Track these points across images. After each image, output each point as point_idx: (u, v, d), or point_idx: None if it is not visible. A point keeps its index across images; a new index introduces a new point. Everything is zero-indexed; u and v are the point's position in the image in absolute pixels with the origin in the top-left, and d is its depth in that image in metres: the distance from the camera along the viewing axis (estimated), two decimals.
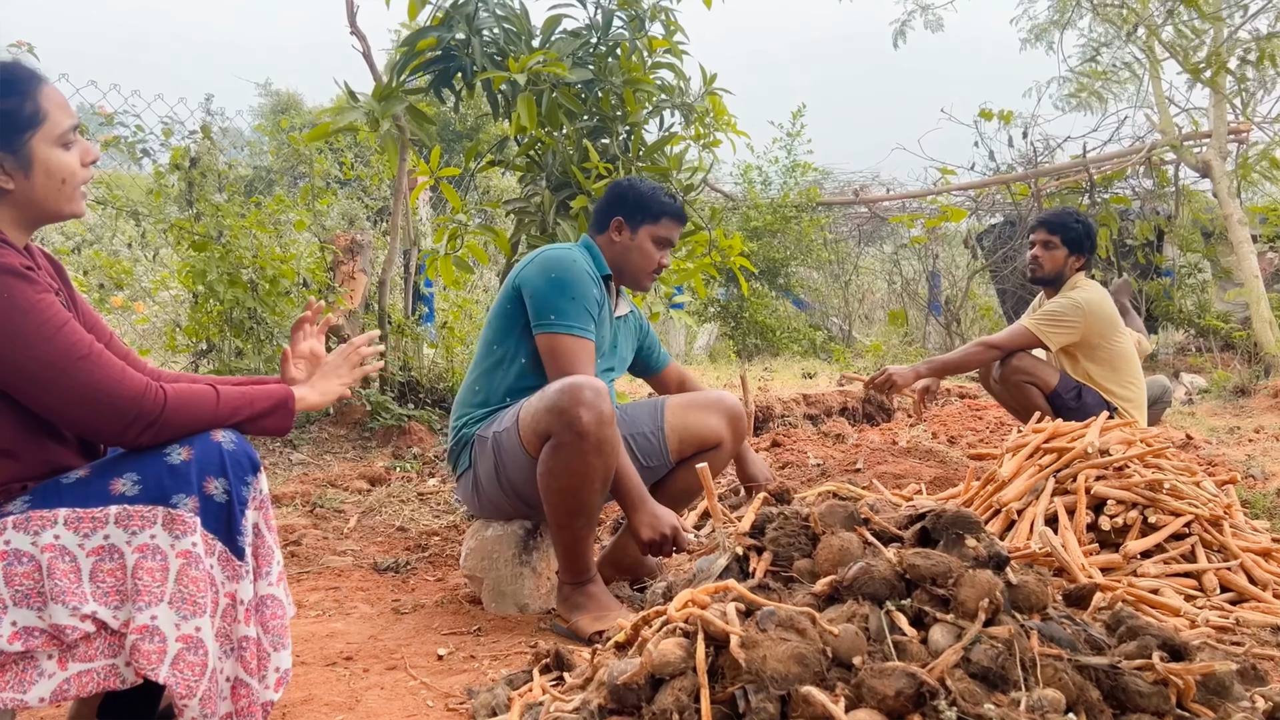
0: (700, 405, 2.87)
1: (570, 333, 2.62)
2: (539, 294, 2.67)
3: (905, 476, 3.99)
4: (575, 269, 2.70)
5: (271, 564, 1.67)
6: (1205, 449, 5.23)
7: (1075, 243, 4.10)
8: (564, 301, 2.64)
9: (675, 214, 2.88)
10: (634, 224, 2.83)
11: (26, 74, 1.62)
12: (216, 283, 4.71)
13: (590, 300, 2.68)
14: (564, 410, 2.38)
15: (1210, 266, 10.36)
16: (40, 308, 1.52)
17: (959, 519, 1.60)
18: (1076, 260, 4.13)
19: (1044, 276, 4.15)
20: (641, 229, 2.84)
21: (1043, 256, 4.12)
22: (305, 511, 3.93)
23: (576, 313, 2.64)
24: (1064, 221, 4.12)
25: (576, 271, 2.69)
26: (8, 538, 1.52)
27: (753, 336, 10.05)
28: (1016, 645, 1.39)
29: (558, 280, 2.66)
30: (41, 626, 1.51)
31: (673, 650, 1.44)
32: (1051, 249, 4.11)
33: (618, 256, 2.86)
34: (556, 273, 2.68)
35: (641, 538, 2.53)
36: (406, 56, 3.98)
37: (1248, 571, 2.66)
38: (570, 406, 2.38)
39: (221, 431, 1.66)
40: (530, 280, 2.71)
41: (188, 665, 1.54)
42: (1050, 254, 4.11)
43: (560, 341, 2.61)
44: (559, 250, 2.77)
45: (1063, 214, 4.20)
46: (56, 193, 1.64)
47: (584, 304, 2.66)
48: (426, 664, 2.32)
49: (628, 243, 2.84)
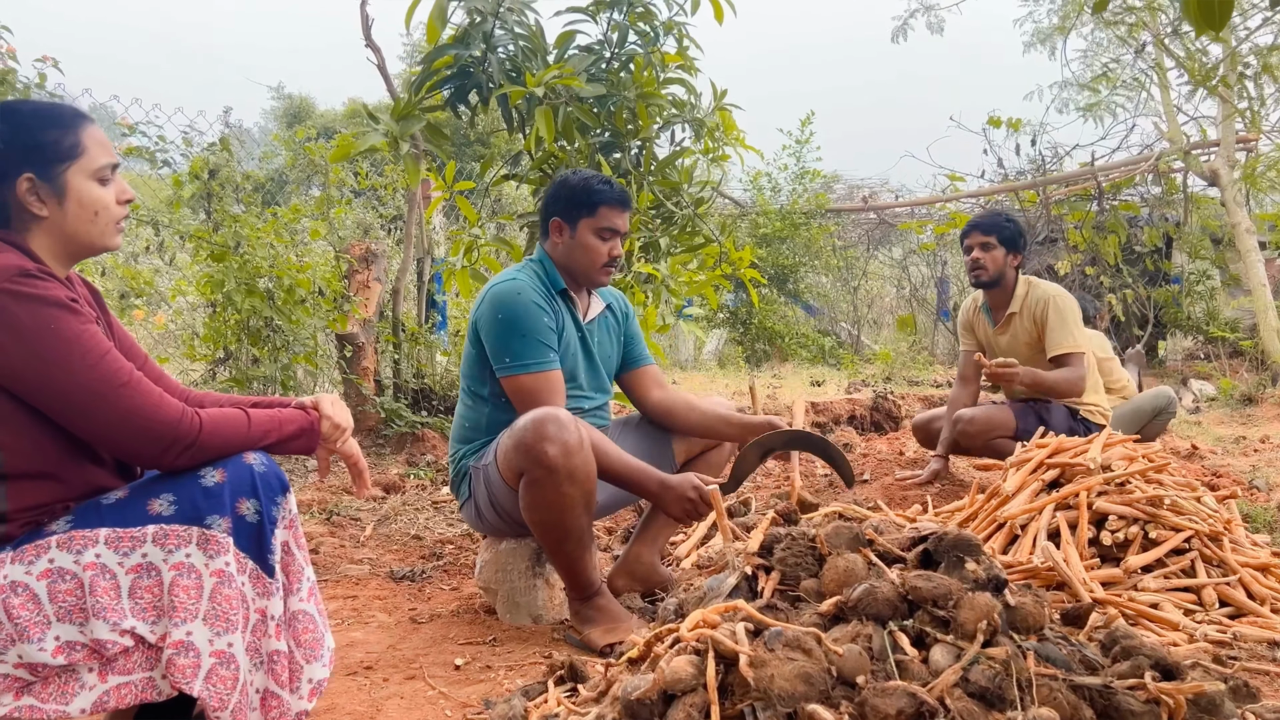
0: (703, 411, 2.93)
1: (528, 371, 2.63)
2: (491, 337, 2.68)
3: (912, 489, 4.05)
4: (519, 302, 2.67)
5: (302, 581, 1.75)
6: (1210, 459, 5.28)
7: (1011, 241, 4.11)
8: (515, 341, 2.64)
9: (613, 200, 2.77)
10: (571, 221, 2.77)
11: (72, 113, 1.71)
12: (234, 293, 4.80)
13: (542, 330, 2.67)
14: (529, 447, 2.43)
15: (1220, 273, 10.41)
16: (84, 338, 1.60)
17: (959, 542, 1.66)
18: (1014, 258, 4.14)
19: (988, 279, 4.14)
20: (580, 224, 2.77)
21: (983, 259, 4.11)
22: (322, 519, 4.01)
23: (530, 349, 2.64)
24: (996, 222, 4.14)
25: (523, 304, 2.67)
26: (52, 556, 1.60)
27: (761, 342, 10.11)
28: (1013, 665, 1.45)
29: (505, 320, 2.66)
30: (83, 641, 1.59)
31: (684, 668, 1.51)
32: (990, 250, 4.10)
33: (563, 258, 2.81)
34: (503, 312, 2.67)
35: (675, 515, 2.57)
36: (424, 75, 4.06)
37: (1246, 587, 2.71)
38: (535, 443, 2.42)
39: (252, 454, 1.73)
40: (483, 323, 2.72)
41: (220, 679, 1.62)
42: (990, 255, 4.10)
43: (519, 382, 2.64)
44: (503, 285, 2.73)
45: (992, 215, 4.22)
46: (89, 224, 1.72)
47: (536, 337, 2.65)
48: (444, 674, 2.40)
49: (569, 242, 2.79)
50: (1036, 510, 2.90)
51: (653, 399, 2.99)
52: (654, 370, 3.07)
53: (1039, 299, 4.10)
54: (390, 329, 5.71)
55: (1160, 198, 9.96)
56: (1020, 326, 4.15)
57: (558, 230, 2.80)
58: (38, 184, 1.65)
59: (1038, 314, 4.09)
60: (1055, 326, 4.03)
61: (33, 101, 1.72)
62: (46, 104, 1.73)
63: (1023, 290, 4.15)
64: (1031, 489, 3.02)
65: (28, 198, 1.65)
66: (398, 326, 5.73)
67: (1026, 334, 4.13)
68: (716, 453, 2.99)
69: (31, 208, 1.65)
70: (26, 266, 1.58)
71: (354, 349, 5.44)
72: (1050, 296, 4.08)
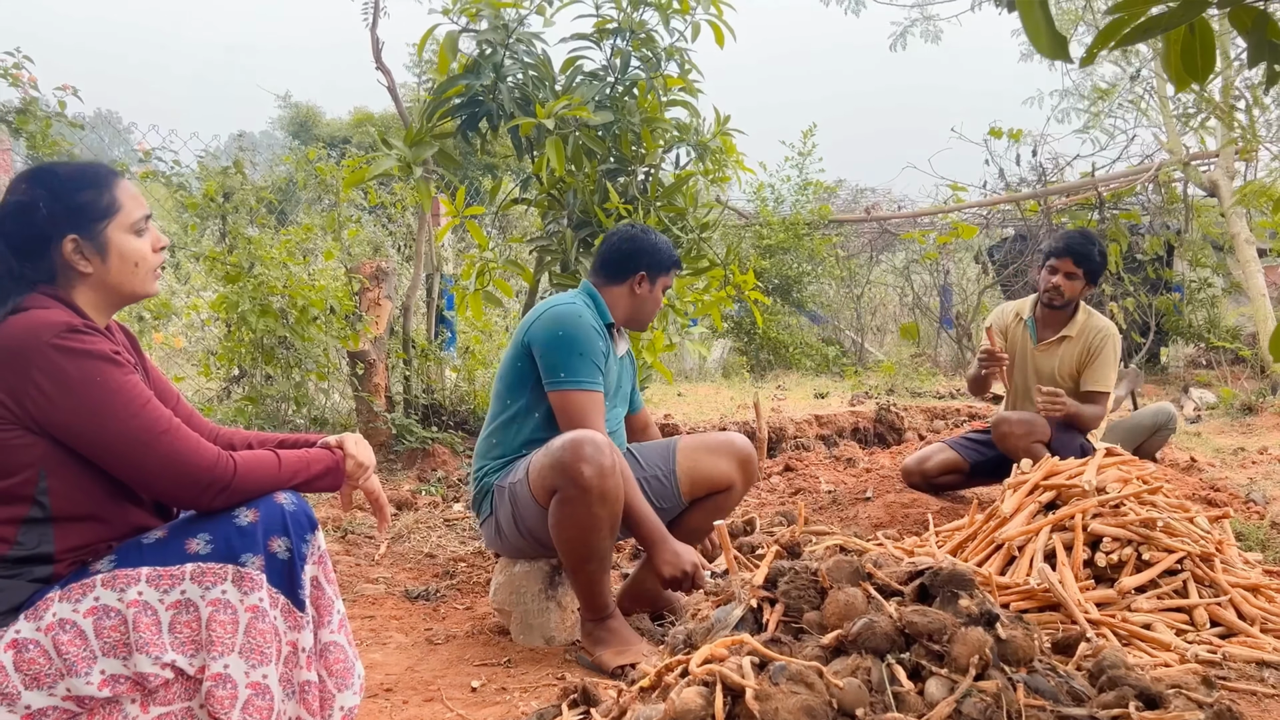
0: (711, 448, 3.02)
1: (580, 388, 2.77)
2: (548, 352, 2.81)
3: (913, 505, 4.14)
4: (581, 324, 2.83)
5: (332, 614, 1.85)
6: (1209, 472, 5.36)
7: (1093, 274, 4.19)
8: (573, 359, 2.78)
9: (679, 264, 3.14)
10: (653, 277, 3.02)
11: (105, 171, 1.82)
12: (249, 313, 4.90)
13: (597, 353, 2.83)
14: (566, 466, 2.55)
15: (1222, 280, 10.48)
16: (127, 388, 1.70)
17: (954, 577, 1.75)
18: (1089, 289, 4.24)
19: (1060, 304, 4.21)
20: (659, 281, 3.04)
21: (1064, 286, 4.15)
22: (337, 538, 4.10)
23: (585, 368, 2.78)
24: (1089, 254, 4.14)
25: (583, 327, 2.83)
26: (97, 594, 1.70)
27: (765, 352, 10.21)
28: (1004, 698, 1.55)
29: (565, 337, 2.80)
30: (127, 674, 1.69)
31: (694, 699, 1.61)
32: (1073, 280, 4.15)
33: (635, 306, 3.04)
34: (564, 330, 2.81)
35: (663, 575, 2.69)
36: (435, 103, 4.16)
37: (1237, 607, 2.80)
38: (572, 462, 2.54)
39: (283, 494, 1.83)
40: (539, 338, 2.84)
41: (256, 710, 1.72)
42: (1071, 284, 4.15)
43: (571, 398, 2.77)
44: (565, 306, 2.90)
45: (1086, 244, 4.20)
46: (130, 275, 1.83)
47: (592, 358, 2.80)
48: (462, 695, 2.49)
49: (646, 294, 3.03)
50: (1033, 532, 2.99)
51: None
52: (645, 415, 3.34)
53: (1098, 331, 4.18)
54: (400, 345, 5.81)
55: (1161, 206, 10.04)
56: (1069, 352, 4.22)
57: (639, 282, 3.01)
58: (81, 243, 1.75)
59: (1093, 345, 4.17)
60: (1104, 363, 4.14)
61: (66, 164, 1.82)
62: (80, 165, 1.84)
63: (1082, 318, 4.21)
64: (1029, 510, 3.11)
65: (74, 257, 1.75)
66: (408, 343, 5.82)
67: (1073, 360, 4.21)
68: (725, 497, 3.06)
69: (78, 266, 1.75)
70: (73, 323, 1.68)
71: (365, 366, 5.54)
72: (1110, 334, 4.17)
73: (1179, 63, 1.87)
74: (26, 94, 4.34)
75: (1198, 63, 1.86)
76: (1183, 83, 1.88)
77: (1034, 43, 1.57)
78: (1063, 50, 1.53)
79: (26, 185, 1.75)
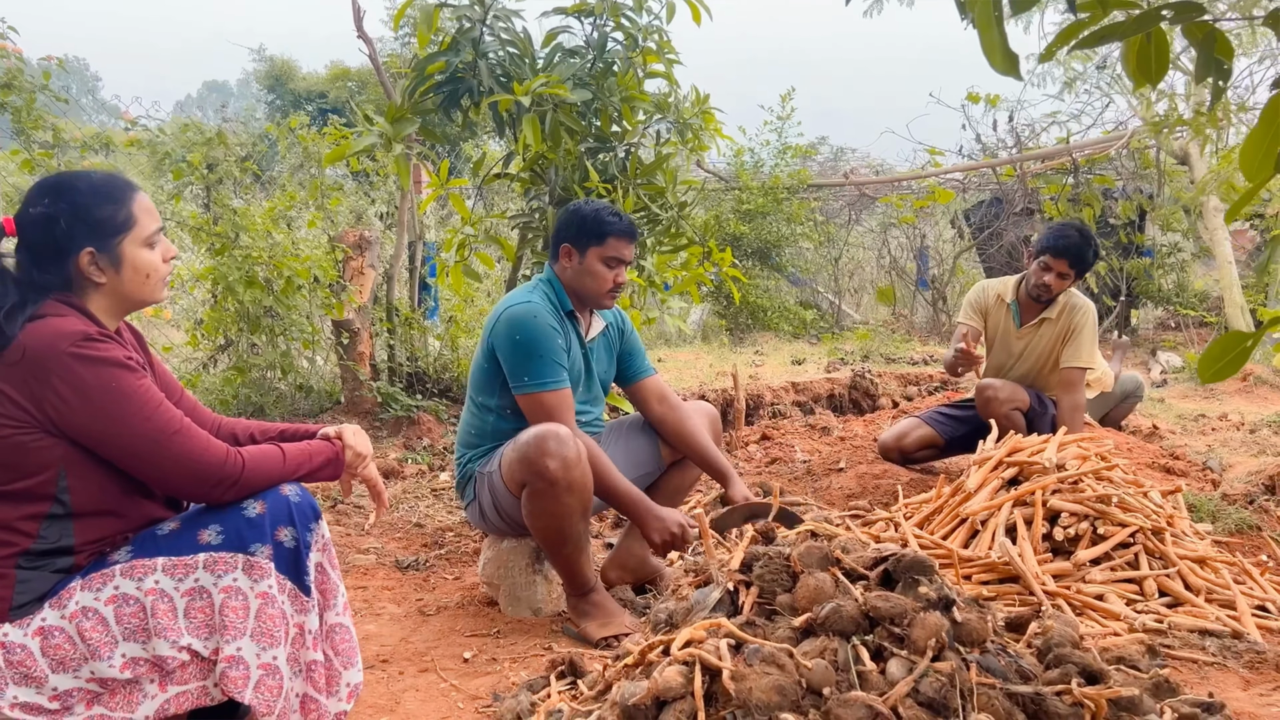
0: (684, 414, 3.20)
1: (544, 389, 2.86)
2: (509, 357, 2.89)
3: (884, 476, 4.30)
4: (537, 324, 2.88)
5: (337, 597, 1.97)
6: (1169, 439, 5.55)
7: (1084, 272, 4.26)
8: (532, 362, 2.86)
9: (621, 232, 2.98)
10: (581, 248, 2.99)
11: (123, 184, 1.90)
12: (236, 284, 4.97)
13: (555, 350, 2.89)
14: (532, 461, 2.68)
15: (1192, 244, 10.68)
16: (140, 393, 1.80)
17: (915, 564, 1.90)
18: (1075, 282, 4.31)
19: (1048, 300, 4.28)
20: (589, 252, 2.98)
21: (1055, 285, 4.21)
22: (327, 508, 4.22)
23: (546, 368, 2.86)
24: (1084, 256, 4.17)
25: (538, 327, 2.88)
26: (117, 583, 1.81)
27: (744, 315, 10.34)
28: (957, 677, 1.69)
29: (523, 342, 2.87)
30: (146, 657, 1.81)
31: (675, 678, 1.75)
32: (1065, 279, 4.21)
33: (571, 281, 3.03)
34: (520, 334, 2.88)
35: (654, 542, 2.84)
36: (416, 80, 4.21)
37: (1184, 578, 2.98)
38: (537, 457, 2.67)
39: (288, 486, 1.95)
40: (500, 343, 2.92)
41: (267, 689, 1.84)
42: (1062, 283, 4.21)
43: (536, 400, 2.86)
44: (519, 306, 2.93)
45: (1084, 247, 4.19)
46: (141, 285, 1.92)
47: (551, 357, 2.87)
48: (454, 666, 2.63)
49: (578, 267, 3.00)
50: (996, 507, 3.15)
51: (655, 414, 3.20)
52: (655, 383, 3.25)
53: (1078, 309, 4.27)
54: (384, 314, 5.89)
55: (1135, 171, 10.19)
56: (1049, 332, 4.32)
57: (567, 255, 3.01)
58: (97, 256, 1.84)
59: (1074, 324, 4.26)
60: (1084, 342, 4.22)
61: (86, 176, 1.89)
62: (99, 177, 1.91)
63: (1063, 299, 4.30)
64: (992, 486, 3.27)
65: (89, 269, 1.84)
66: (392, 311, 5.91)
67: (1052, 339, 4.31)
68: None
69: (93, 277, 1.85)
70: (89, 331, 1.78)
71: (350, 335, 5.62)
72: (1089, 311, 4.26)
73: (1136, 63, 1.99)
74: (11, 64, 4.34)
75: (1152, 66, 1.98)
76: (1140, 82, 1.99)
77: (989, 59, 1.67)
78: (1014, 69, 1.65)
79: (49, 198, 1.83)
